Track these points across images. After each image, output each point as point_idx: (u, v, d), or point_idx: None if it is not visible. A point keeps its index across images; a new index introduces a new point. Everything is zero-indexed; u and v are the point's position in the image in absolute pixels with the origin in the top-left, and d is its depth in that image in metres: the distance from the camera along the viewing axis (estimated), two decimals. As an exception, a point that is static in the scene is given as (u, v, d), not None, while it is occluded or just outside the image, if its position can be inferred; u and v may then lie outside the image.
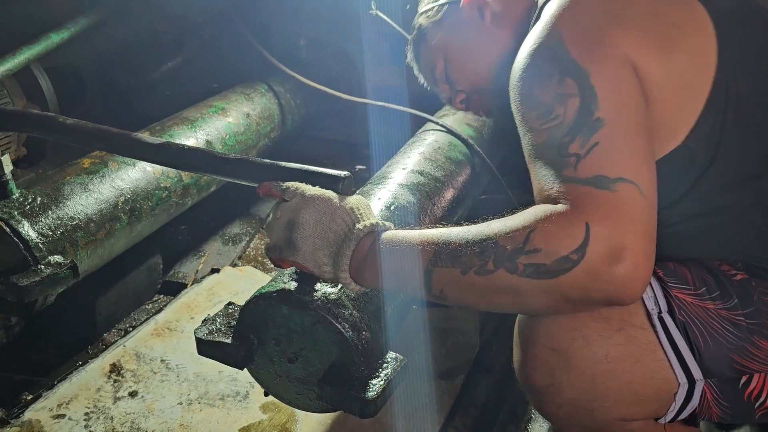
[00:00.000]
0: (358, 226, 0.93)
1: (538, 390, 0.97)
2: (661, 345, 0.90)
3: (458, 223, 0.91)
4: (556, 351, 0.92)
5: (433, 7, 1.34)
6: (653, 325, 0.91)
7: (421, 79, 1.48)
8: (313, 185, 0.99)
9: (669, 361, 0.90)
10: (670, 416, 0.95)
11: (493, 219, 0.88)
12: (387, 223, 0.96)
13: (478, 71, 1.28)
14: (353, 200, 0.97)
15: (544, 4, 0.99)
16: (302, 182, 1.00)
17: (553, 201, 0.83)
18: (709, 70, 0.90)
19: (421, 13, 1.38)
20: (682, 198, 0.95)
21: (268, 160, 1.09)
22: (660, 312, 0.91)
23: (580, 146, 0.83)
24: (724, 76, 0.90)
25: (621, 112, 0.85)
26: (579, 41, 0.89)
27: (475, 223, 0.89)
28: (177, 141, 1.93)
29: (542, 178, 0.87)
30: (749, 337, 0.89)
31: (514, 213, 0.86)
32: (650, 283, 0.92)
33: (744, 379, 0.91)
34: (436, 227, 0.93)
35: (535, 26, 0.96)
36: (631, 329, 0.91)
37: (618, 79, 0.86)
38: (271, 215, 0.99)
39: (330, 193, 0.96)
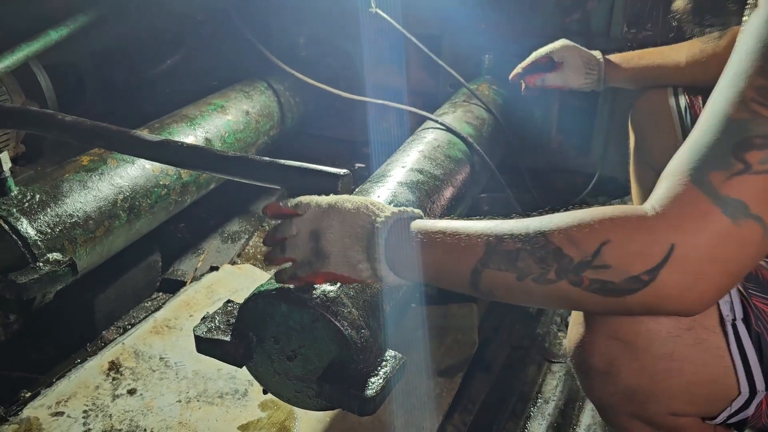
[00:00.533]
0: (385, 214, 0.90)
1: (594, 375, 0.94)
2: (730, 353, 0.88)
3: (496, 217, 0.86)
4: (620, 341, 0.89)
5: None
6: (725, 332, 0.88)
7: None
8: (313, 183, 0.99)
9: (735, 369, 0.88)
10: (720, 420, 0.94)
11: (552, 213, 0.80)
12: (416, 210, 0.93)
13: None
14: (364, 197, 0.95)
15: None
16: (302, 180, 1.00)
17: (660, 197, 0.73)
18: None
19: None
20: None
21: (267, 158, 1.09)
22: (734, 319, 0.88)
23: (762, 161, 0.69)
24: None
25: None
26: None
27: (528, 216, 0.83)
28: (176, 139, 1.93)
29: (683, 160, 0.73)
30: None
31: (578, 209, 0.78)
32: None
33: None
34: (473, 218, 0.88)
35: None
36: (702, 331, 0.88)
37: None
38: (284, 234, 0.95)
39: (345, 195, 0.95)
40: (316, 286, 1.05)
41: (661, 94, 1.62)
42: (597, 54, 1.67)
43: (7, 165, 1.50)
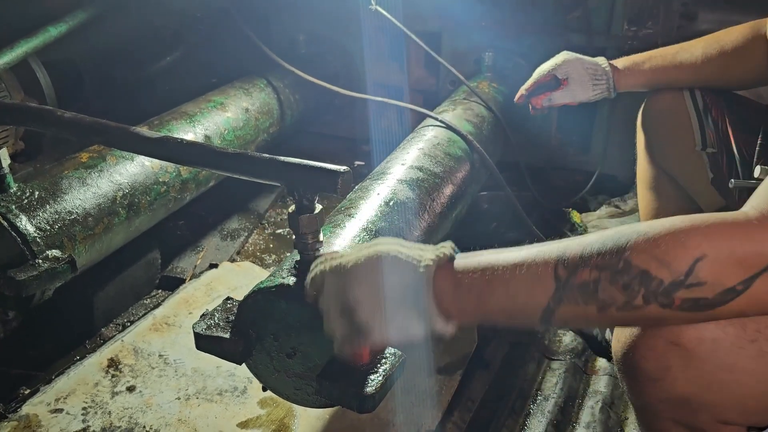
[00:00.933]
0: (422, 266, 0.79)
1: (645, 380, 0.89)
2: None
3: (563, 235, 0.81)
4: (680, 348, 0.84)
5: None
6: None
7: None
8: (312, 180, 0.98)
9: None
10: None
11: (626, 227, 0.73)
12: (448, 246, 0.83)
13: None
14: (388, 245, 0.83)
15: None
16: (301, 177, 0.99)
17: (758, 206, 0.70)
18: None
19: None
20: None
21: (266, 155, 1.09)
22: None
23: None
24: None
25: None
26: None
27: (592, 231, 0.77)
28: (175, 135, 1.93)
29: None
30: None
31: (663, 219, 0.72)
32: None
33: None
34: (523, 248, 0.78)
35: None
36: (765, 343, 0.83)
37: None
38: (324, 318, 0.86)
39: (365, 251, 0.83)
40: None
41: (677, 95, 1.54)
42: (601, 61, 1.59)
43: (6, 161, 1.49)
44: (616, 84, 1.59)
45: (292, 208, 1.02)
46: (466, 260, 0.80)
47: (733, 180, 1.31)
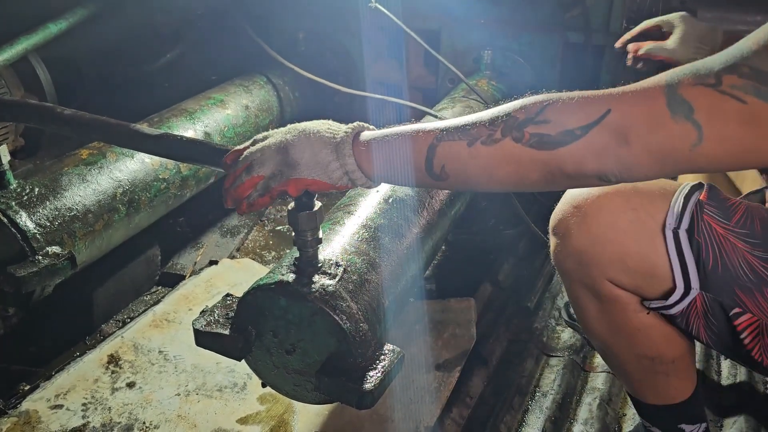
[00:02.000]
0: (342, 126, 0.98)
1: (556, 235, 1.10)
2: (668, 254, 1.00)
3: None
4: (577, 207, 1.06)
5: None
6: (664, 237, 1.00)
7: None
8: None
9: (672, 269, 1.00)
10: (655, 305, 1.05)
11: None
12: (362, 123, 1.00)
13: None
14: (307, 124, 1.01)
15: None
16: None
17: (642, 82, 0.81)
18: None
19: None
20: None
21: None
22: (677, 228, 0.99)
23: (733, 85, 0.76)
24: None
25: None
26: None
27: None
28: (176, 132, 1.93)
29: (687, 66, 0.81)
30: (762, 286, 0.96)
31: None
32: (681, 201, 1.00)
33: (737, 310, 0.98)
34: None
35: None
36: (645, 215, 1.01)
37: None
38: (247, 161, 0.97)
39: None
40: (315, 279, 1.05)
41: None
42: (718, 30, 1.49)
43: (6, 158, 1.50)
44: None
45: (292, 205, 1.02)
46: (373, 132, 0.97)
47: None
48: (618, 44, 1.66)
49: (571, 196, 1.08)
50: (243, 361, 1.13)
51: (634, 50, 1.58)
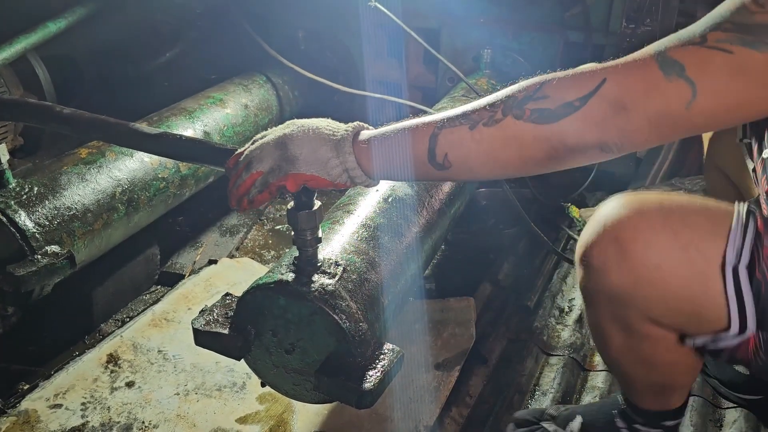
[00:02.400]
0: (342, 125, 0.97)
1: (589, 268, 1.02)
2: (726, 292, 0.93)
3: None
4: (618, 242, 0.97)
5: None
6: (724, 276, 0.93)
7: None
8: None
9: (728, 307, 0.94)
10: (699, 342, 1.01)
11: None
12: (356, 123, 0.99)
13: None
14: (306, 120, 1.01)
15: None
16: None
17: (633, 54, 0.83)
18: None
19: None
20: None
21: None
22: (737, 265, 0.93)
23: (719, 39, 0.79)
24: None
25: None
26: None
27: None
28: (175, 132, 1.93)
29: (672, 36, 0.83)
30: None
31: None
32: (743, 233, 0.94)
33: None
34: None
35: None
36: (696, 253, 0.94)
37: None
38: (248, 159, 0.97)
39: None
40: (314, 279, 1.05)
41: None
42: None
43: (5, 157, 1.49)
44: None
45: (291, 204, 1.02)
46: (372, 131, 0.96)
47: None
48: None
49: (609, 223, 0.99)
50: (242, 360, 1.13)
51: None
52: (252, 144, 0.99)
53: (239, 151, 1.01)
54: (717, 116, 0.82)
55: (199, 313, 1.11)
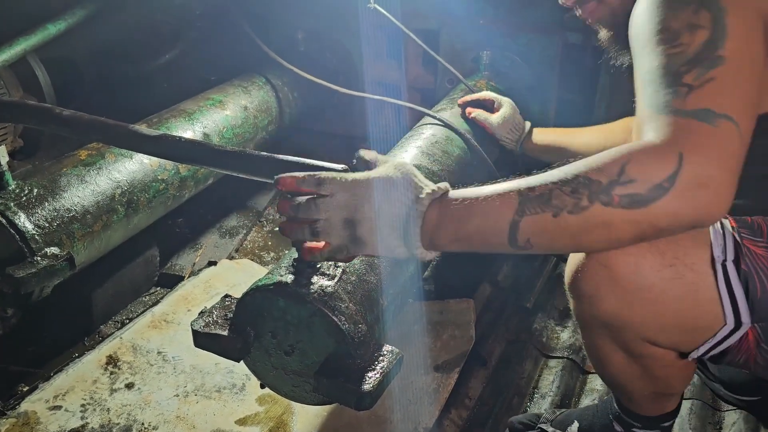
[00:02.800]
0: (421, 197, 0.92)
1: (581, 297, 1.03)
2: (718, 289, 0.95)
3: (524, 174, 0.91)
4: (607, 268, 0.97)
5: None
6: (714, 271, 0.95)
7: None
8: None
9: (722, 303, 0.95)
10: (701, 351, 1.02)
11: (566, 164, 0.89)
12: (444, 185, 0.95)
13: None
14: (394, 169, 0.94)
15: None
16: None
17: (653, 130, 0.85)
18: None
19: None
20: None
21: (265, 153, 1.09)
22: (725, 260, 0.95)
23: (695, 78, 0.85)
24: None
25: (743, 56, 0.88)
26: None
27: (543, 171, 0.89)
28: (174, 133, 1.93)
29: (649, 105, 0.88)
30: None
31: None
32: (722, 232, 0.97)
33: None
34: (498, 181, 0.92)
35: None
36: (683, 268, 0.95)
37: (750, 26, 0.90)
38: (311, 217, 0.92)
39: (370, 174, 0.94)
40: (314, 280, 1.05)
41: None
42: (527, 124, 1.82)
43: (4, 159, 1.49)
44: (523, 143, 1.82)
45: (291, 206, 1.02)
46: (457, 192, 0.93)
47: None
48: (460, 102, 1.91)
49: (600, 254, 0.98)
50: (242, 362, 1.13)
51: (468, 112, 1.85)
52: (317, 185, 0.92)
53: (296, 177, 0.93)
54: (751, 129, 0.86)
55: (199, 314, 1.11)
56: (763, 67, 0.91)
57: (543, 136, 1.80)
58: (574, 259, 1.03)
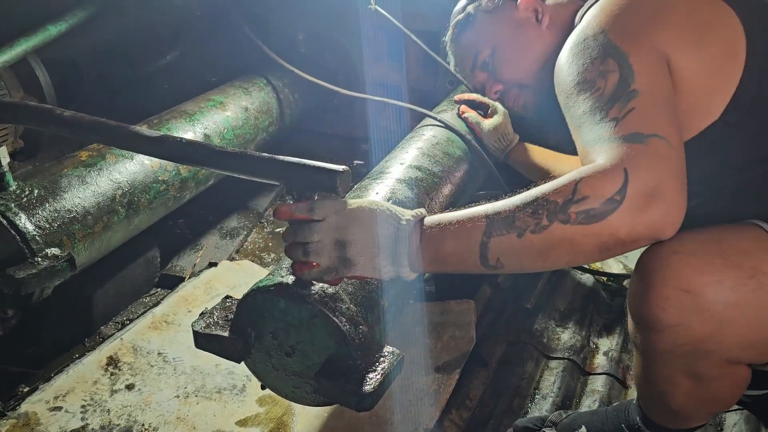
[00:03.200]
0: (402, 222, 0.98)
1: (663, 329, 1.00)
2: None
3: (491, 199, 0.98)
4: (690, 293, 0.96)
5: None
6: None
7: (452, 61, 1.61)
8: (312, 179, 0.99)
9: None
10: None
11: (529, 189, 0.95)
12: (421, 210, 1.02)
13: (525, 67, 1.41)
14: (370, 202, 1.01)
15: (587, 9, 1.16)
16: (301, 176, 1.00)
17: (597, 156, 0.92)
18: (739, 57, 1.04)
19: (471, 1, 1.51)
20: (725, 168, 1.07)
21: (266, 154, 1.09)
22: None
23: (619, 111, 0.95)
24: (753, 58, 1.03)
25: (653, 85, 0.98)
26: (620, 32, 1.04)
27: (508, 196, 0.96)
28: (175, 134, 1.93)
29: (586, 142, 0.98)
30: None
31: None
32: None
33: None
34: (471, 206, 0.99)
35: (579, 24, 1.13)
36: (763, 277, 0.95)
37: (652, 62, 1.01)
38: (305, 239, 0.97)
39: (362, 201, 1.00)
40: (313, 282, 1.05)
41: None
42: (516, 137, 1.83)
43: (5, 160, 1.49)
44: (509, 153, 1.81)
45: (291, 207, 1.02)
46: (431, 219, 1.00)
47: None
48: (457, 98, 1.91)
49: (670, 275, 0.97)
50: (242, 363, 1.13)
51: (462, 111, 1.86)
52: (311, 210, 0.98)
53: (294, 211, 0.99)
54: (681, 142, 0.95)
55: (199, 315, 1.11)
56: (672, 94, 1.01)
57: (529, 153, 1.81)
58: (642, 292, 1.01)
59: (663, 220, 0.88)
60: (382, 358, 1.04)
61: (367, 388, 0.98)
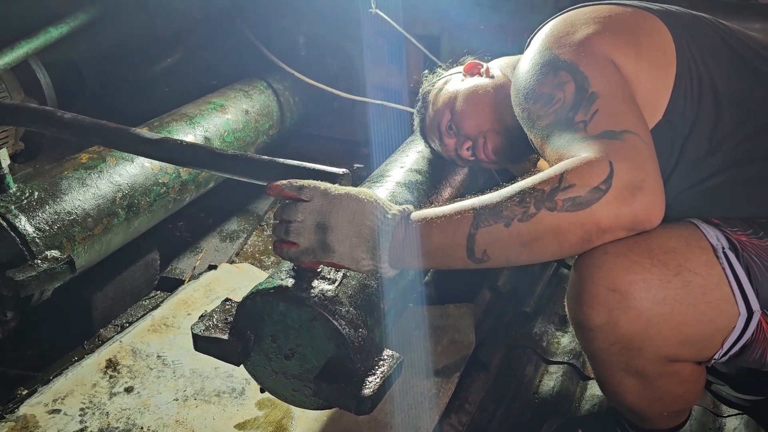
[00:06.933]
0: (388, 216, 0.98)
1: (593, 327, 1.01)
2: (727, 278, 0.96)
3: (480, 193, 0.98)
4: (617, 291, 0.97)
5: (436, 81, 1.60)
6: (718, 258, 0.97)
7: (428, 146, 1.63)
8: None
9: (733, 292, 0.96)
10: (719, 355, 1.02)
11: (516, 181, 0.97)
12: (409, 206, 1.02)
13: (481, 113, 1.44)
14: (359, 191, 1.00)
15: (529, 42, 1.22)
16: (301, 179, 1.00)
17: (578, 152, 0.95)
18: (671, 56, 1.09)
19: (426, 88, 1.61)
20: (674, 169, 1.09)
21: (266, 157, 1.09)
22: (724, 248, 0.98)
23: (585, 114, 0.99)
24: (683, 58, 1.09)
25: (610, 85, 1.03)
26: (565, 48, 1.09)
27: (498, 188, 0.97)
28: (175, 137, 1.93)
29: (558, 146, 1.00)
30: None
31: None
32: (709, 226, 1.01)
33: None
34: (456, 201, 1.00)
35: (526, 52, 1.18)
36: (688, 274, 0.97)
37: (601, 66, 1.05)
38: (289, 218, 0.98)
39: (352, 189, 1.00)
40: (314, 284, 1.05)
41: None
42: None
43: (5, 162, 1.50)
44: None
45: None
46: (420, 212, 1.00)
47: None
48: None
49: (599, 276, 0.98)
50: (242, 366, 1.13)
51: None
52: (299, 190, 0.98)
53: (281, 184, 0.99)
54: (650, 136, 0.99)
55: (199, 318, 1.11)
56: (629, 88, 1.05)
57: None
58: (576, 293, 1.02)
59: (646, 211, 0.91)
60: (381, 362, 1.04)
61: (367, 391, 0.98)
